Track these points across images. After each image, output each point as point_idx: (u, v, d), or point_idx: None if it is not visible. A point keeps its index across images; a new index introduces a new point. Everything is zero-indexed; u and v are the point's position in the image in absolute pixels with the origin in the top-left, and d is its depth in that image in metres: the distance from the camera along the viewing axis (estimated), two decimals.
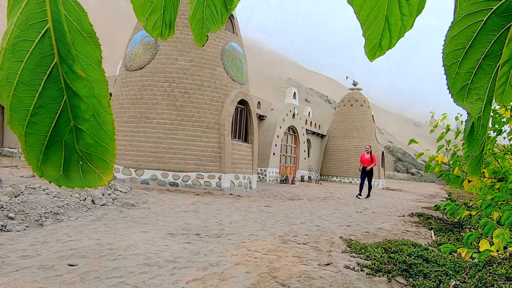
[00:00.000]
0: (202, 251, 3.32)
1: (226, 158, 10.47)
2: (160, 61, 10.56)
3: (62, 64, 0.41)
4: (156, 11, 0.62)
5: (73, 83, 0.41)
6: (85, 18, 0.41)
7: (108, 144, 0.43)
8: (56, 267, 2.63)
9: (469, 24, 0.36)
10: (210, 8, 0.67)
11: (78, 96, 0.41)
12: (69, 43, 0.40)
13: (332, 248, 3.83)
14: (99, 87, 0.42)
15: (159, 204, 6.36)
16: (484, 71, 0.36)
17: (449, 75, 0.37)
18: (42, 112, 0.41)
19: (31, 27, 0.40)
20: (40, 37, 0.40)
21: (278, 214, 6.27)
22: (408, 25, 0.46)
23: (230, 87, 11.16)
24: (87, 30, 0.41)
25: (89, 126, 0.42)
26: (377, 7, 0.45)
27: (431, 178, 45.84)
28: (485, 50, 0.36)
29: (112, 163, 0.44)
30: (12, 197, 4.91)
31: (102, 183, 0.44)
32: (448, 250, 3.07)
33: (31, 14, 0.40)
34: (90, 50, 0.41)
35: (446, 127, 4.01)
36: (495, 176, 3.32)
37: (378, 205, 9.61)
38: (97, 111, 0.42)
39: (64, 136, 0.42)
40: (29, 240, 3.36)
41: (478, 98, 0.36)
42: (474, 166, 0.39)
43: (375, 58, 0.47)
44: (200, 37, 0.69)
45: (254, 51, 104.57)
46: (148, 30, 0.63)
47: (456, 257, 3.57)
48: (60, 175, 0.43)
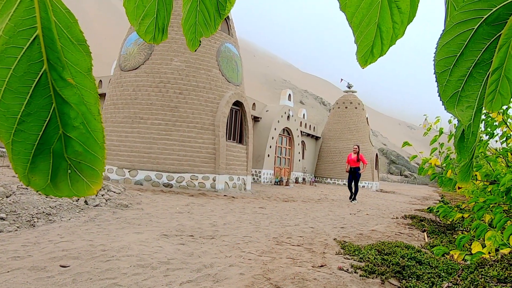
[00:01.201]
0: (196, 253, 3.31)
1: (221, 159, 10.46)
2: (155, 62, 10.53)
3: (51, 71, 0.40)
4: (149, 15, 0.62)
5: (62, 90, 0.41)
6: (75, 25, 0.41)
7: (98, 152, 0.43)
8: (48, 268, 2.61)
9: (460, 33, 0.36)
10: (203, 13, 0.67)
11: (67, 104, 0.41)
12: (58, 50, 0.40)
13: (326, 250, 3.84)
14: (89, 95, 0.41)
15: (153, 205, 6.33)
16: (475, 79, 0.37)
17: (440, 82, 0.37)
18: (30, 120, 0.40)
19: (20, 34, 0.39)
20: (29, 44, 0.40)
21: (272, 216, 6.27)
22: (399, 33, 0.46)
23: (225, 88, 11.15)
24: (77, 37, 0.41)
25: (78, 134, 0.42)
26: (369, 14, 0.46)
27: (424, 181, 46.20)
28: (476, 58, 0.36)
29: (101, 172, 0.44)
30: (4, 197, 4.86)
31: (90, 192, 0.44)
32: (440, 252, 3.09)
33: (20, 20, 0.39)
34: (80, 58, 0.41)
35: (439, 130, 4.05)
36: (487, 179, 3.36)
37: (371, 207, 9.65)
38: (86, 119, 0.42)
39: (53, 144, 0.42)
40: (21, 241, 3.32)
41: (469, 106, 0.37)
42: (464, 173, 0.39)
43: (367, 65, 0.48)
44: (193, 41, 0.69)
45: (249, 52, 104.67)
46: (141, 34, 0.63)
47: (448, 259, 3.60)
48: (48, 184, 0.42)
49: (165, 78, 10.42)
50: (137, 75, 10.57)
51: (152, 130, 10.13)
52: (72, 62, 0.41)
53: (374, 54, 0.47)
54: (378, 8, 0.45)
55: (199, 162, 10.30)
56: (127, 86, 10.59)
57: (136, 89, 10.45)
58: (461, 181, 0.39)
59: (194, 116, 10.41)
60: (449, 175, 3.84)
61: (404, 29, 0.46)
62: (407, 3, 0.45)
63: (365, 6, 0.45)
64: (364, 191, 18.97)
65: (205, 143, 10.44)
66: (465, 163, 0.38)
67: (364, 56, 0.47)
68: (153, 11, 0.62)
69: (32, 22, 0.39)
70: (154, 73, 10.45)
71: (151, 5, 0.61)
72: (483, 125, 3.61)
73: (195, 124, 10.41)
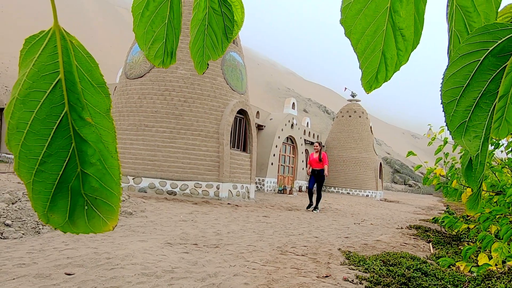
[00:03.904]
0: (200, 262, 3.31)
1: (225, 167, 10.47)
2: (160, 70, 10.62)
3: (71, 112, 0.41)
4: (158, 40, 0.62)
5: (81, 129, 0.42)
6: (96, 69, 0.42)
7: (114, 188, 0.43)
8: (53, 276, 2.62)
9: (466, 64, 0.38)
10: (210, 36, 0.68)
11: (85, 142, 0.42)
12: (79, 92, 0.41)
13: (331, 260, 3.82)
14: (107, 134, 0.42)
15: (157, 213, 6.33)
16: (481, 109, 0.38)
17: (447, 112, 0.39)
18: (51, 161, 0.41)
19: (43, 78, 0.41)
20: (52, 88, 0.41)
21: (276, 225, 6.25)
22: (403, 59, 0.48)
23: (230, 97, 11.21)
24: (97, 80, 0.42)
25: (95, 170, 0.42)
26: (374, 41, 0.47)
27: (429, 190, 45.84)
28: (482, 89, 0.38)
29: (118, 208, 0.44)
30: (10, 203, 4.89)
31: (106, 229, 0.44)
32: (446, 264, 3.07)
33: (43, 65, 0.41)
34: (100, 99, 0.42)
35: (443, 140, 4.05)
36: (493, 190, 3.34)
37: (376, 217, 9.59)
38: (103, 156, 0.42)
39: (71, 182, 0.42)
40: (26, 248, 3.34)
41: (476, 136, 0.38)
42: (472, 202, 0.41)
43: (371, 91, 0.49)
44: (201, 64, 0.70)
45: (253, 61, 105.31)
46: (150, 59, 0.63)
47: (455, 270, 3.57)
48: (66, 221, 0.43)
49: (170, 86, 10.50)
50: (142, 83, 10.66)
51: (157, 138, 10.18)
52: (92, 104, 0.42)
53: (378, 80, 0.49)
54: (383, 35, 0.47)
55: (203, 170, 10.32)
56: (133, 94, 10.69)
57: (142, 97, 10.54)
58: (470, 209, 0.40)
59: (198, 124, 10.46)
60: (454, 185, 3.82)
61: (408, 56, 0.47)
62: (411, 31, 0.46)
63: (370, 33, 0.47)
64: (368, 200, 18.85)
65: (209, 151, 10.47)
66: (473, 193, 0.40)
67: (369, 82, 0.49)
68: (162, 35, 0.62)
69: (55, 67, 0.41)
70: (160, 81, 10.55)
71: (160, 30, 0.62)
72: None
73: (200, 132, 10.45)
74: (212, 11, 0.66)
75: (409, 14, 0.45)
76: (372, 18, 0.45)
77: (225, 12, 0.66)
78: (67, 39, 0.41)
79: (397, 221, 8.72)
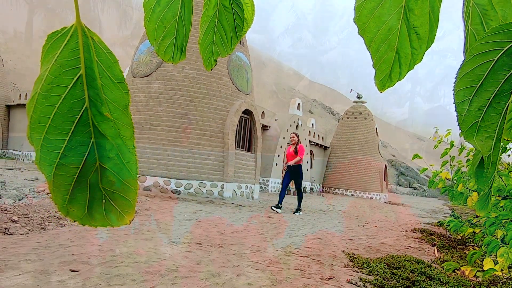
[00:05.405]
0: (204, 261, 3.31)
1: (229, 167, 10.49)
2: (167, 69, 10.67)
3: (91, 107, 0.42)
4: (169, 35, 0.63)
5: (100, 124, 0.42)
6: (115, 65, 0.43)
7: (130, 183, 0.44)
8: (59, 272, 2.64)
9: (480, 64, 0.37)
10: (220, 33, 0.68)
11: (104, 137, 0.43)
12: (99, 87, 0.42)
13: (334, 262, 3.81)
14: (125, 129, 0.43)
15: (161, 212, 6.36)
16: (494, 110, 0.38)
17: (459, 112, 0.38)
18: (71, 155, 0.42)
19: (64, 74, 0.41)
20: (73, 83, 0.41)
21: (279, 226, 6.25)
22: (417, 58, 0.47)
23: (235, 97, 11.23)
24: (117, 76, 0.43)
25: (113, 164, 0.43)
26: (388, 40, 0.46)
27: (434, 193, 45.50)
28: (496, 89, 0.37)
29: (134, 202, 0.45)
30: (16, 200, 4.94)
31: (123, 222, 0.45)
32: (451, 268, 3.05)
33: (65, 61, 0.41)
34: (119, 95, 0.43)
35: (450, 143, 4.01)
36: (500, 194, 3.31)
37: (380, 219, 9.55)
38: (121, 151, 0.43)
39: (90, 175, 0.43)
40: (32, 244, 3.37)
41: (488, 136, 0.37)
42: (482, 202, 0.40)
43: (385, 89, 0.49)
44: (209, 61, 0.70)
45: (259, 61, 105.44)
46: (160, 54, 0.64)
47: (459, 275, 3.54)
48: (85, 214, 0.44)
49: (176, 85, 10.54)
50: (148, 82, 10.71)
51: (162, 137, 10.23)
52: (111, 99, 0.43)
53: (392, 78, 0.48)
54: (397, 34, 0.46)
55: (208, 169, 10.34)
56: (139, 92, 10.74)
57: (148, 96, 10.59)
58: (480, 210, 0.40)
59: (203, 123, 10.49)
60: (460, 189, 3.79)
61: (423, 55, 0.47)
62: (426, 29, 0.46)
63: (384, 32, 0.46)
64: (372, 203, 18.76)
65: (214, 150, 10.49)
66: (483, 193, 0.39)
67: (382, 80, 0.48)
68: (173, 31, 0.62)
69: (76, 62, 0.42)
70: (166, 80, 10.59)
71: (171, 26, 0.62)
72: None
73: (205, 131, 10.47)
74: (222, 8, 0.66)
75: (424, 12, 0.45)
76: (386, 17, 0.45)
77: (235, 10, 0.66)
78: (88, 36, 0.42)
79: (402, 224, 8.67)
